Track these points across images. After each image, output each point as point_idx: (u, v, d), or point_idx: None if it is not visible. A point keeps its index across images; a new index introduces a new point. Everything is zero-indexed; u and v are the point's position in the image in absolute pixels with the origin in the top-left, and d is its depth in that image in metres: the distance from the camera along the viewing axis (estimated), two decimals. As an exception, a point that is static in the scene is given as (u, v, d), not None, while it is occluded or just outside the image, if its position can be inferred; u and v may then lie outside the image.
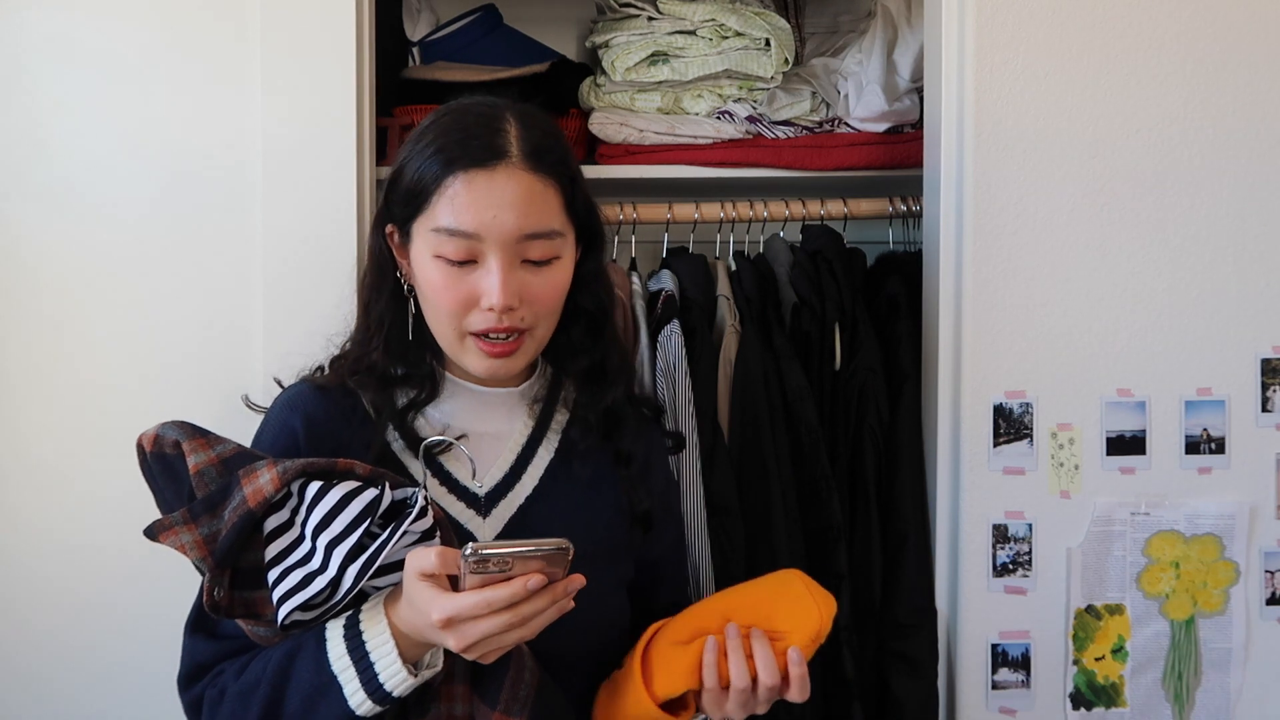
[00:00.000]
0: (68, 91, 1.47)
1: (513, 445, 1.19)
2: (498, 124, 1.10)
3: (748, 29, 1.71)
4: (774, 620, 1.09)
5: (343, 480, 1.02)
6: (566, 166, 1.13)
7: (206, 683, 1.07)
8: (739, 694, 1.07)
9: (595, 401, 1.20)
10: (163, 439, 1.05)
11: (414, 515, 0.99)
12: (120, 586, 1.48)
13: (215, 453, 1.04)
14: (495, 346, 1.10)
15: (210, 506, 1.01)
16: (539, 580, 0.93)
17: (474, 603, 0.92)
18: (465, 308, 1.09)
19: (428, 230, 1.09)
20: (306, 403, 1.15)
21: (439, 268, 1.09)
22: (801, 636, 1.07)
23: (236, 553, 1.01)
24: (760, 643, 1.07)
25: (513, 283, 1.08)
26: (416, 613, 0.96)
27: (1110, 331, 1.50)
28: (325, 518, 0.99)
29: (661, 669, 1.10)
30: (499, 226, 1.07)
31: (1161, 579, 1.51)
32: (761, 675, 1.06)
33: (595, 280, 1.21)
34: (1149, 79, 1.49)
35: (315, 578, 0.99)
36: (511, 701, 1.01)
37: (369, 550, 0.98)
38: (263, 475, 1.01)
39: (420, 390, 1.16)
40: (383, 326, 1.16)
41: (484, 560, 0.92)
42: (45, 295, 1.48)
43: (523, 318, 1.10)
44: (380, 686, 0.98)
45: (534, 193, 1.09)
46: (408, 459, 1.14)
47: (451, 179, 1.07)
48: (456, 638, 0.94)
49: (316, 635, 1.01)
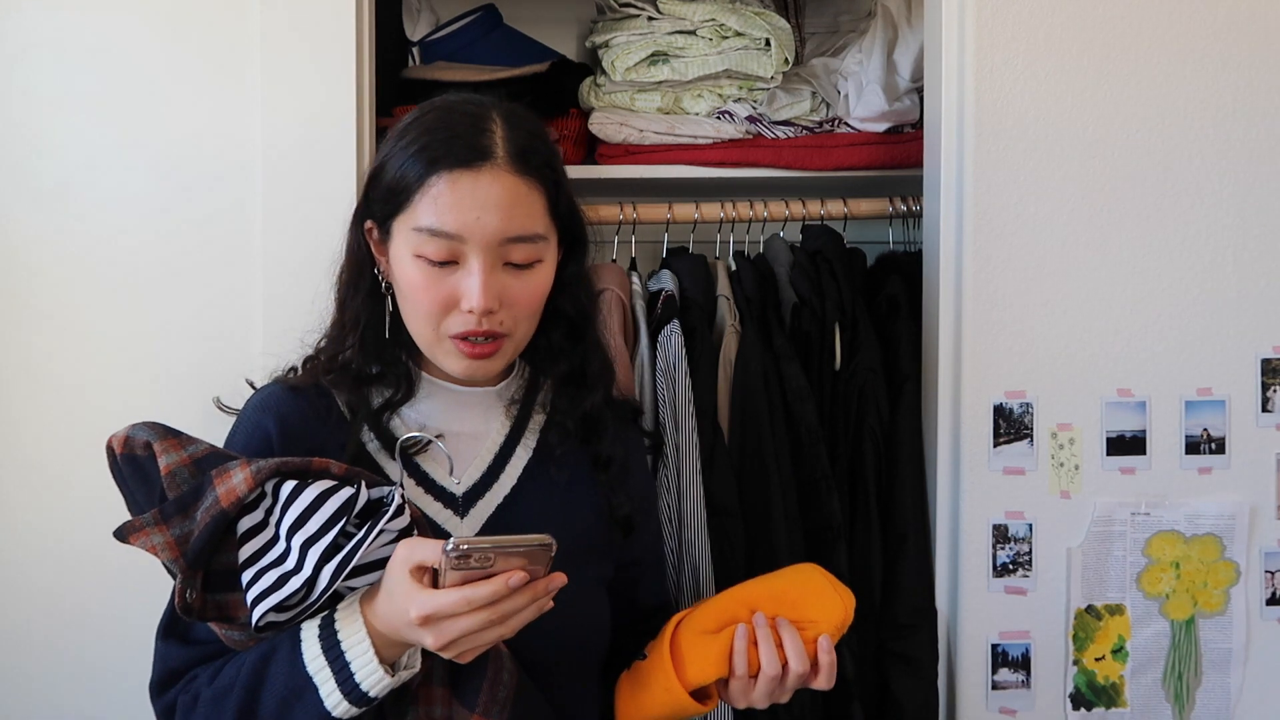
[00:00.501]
0: (67, 91, 1.47)
1: (490, 445, 1.18)
2: (484, 123, 1.09)
3: (748, 29, 1.71)
4: (800, 610, 1.11)
5: (317, 480, 1.01)
6: (552, 169, 1.12)
7: (180, 688, 1.06)
8: (769, 681, 1.07)
9: (574, 406, 1.20)
10: (133, 440, 1.03)
11: (390, 513, 0.98)
12: (110, 589, 1.47)
13: (187, 453, 1.02)
14: (474, 348, 1.09)
15: (182, 507, 0.99)
16: (521, 577, 0.92)
17: (454, 600, 0.91)
18: (445, 309, 1.08)
19: (409, 229, 1.07)
20: (279, 404, 1.13)
21: (419, 267, 1.07)
22: (828, 625, 1.10)
23: (209, 554, 0.99)
24: (789, 631, 1.09)
25: (494, 285, 1.07)
26: (395, 609, 0.95)
27: (1110, 331, 1.50)
28: (300, 517, 0.98)
29: (693, 657, 1.10)
30: (481, 228, 1.06)
31: (1162, 579, 1.51)
32: (792, 663, 1.08)
33: (576, 284, 1.20)
34: (1149, 78, 1.49)
35: (290, 578, 0.98)
36: (490, 703, 1.00)
37: (345, 550, 0.97)
38: (236, 475, 0.99)
39: (396, 390, 1.15)
40: (358, 324, 1.15)
41: (465, 555, 0.91)
42: (43, 295, 1.48)
43: (502, 321, 1.09)
44: (357, 687, 0.97)
45: (518, 195, 1.07)
46: (383, 459, 1.13)
47: (435, 178, 1.06)
48: (435, 635, 0.93)
49: (291, 637, 1.00)
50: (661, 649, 1.12)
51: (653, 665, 1.12)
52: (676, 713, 1.11)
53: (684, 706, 1.09)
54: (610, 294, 1.56)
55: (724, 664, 1.08)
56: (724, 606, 1.14)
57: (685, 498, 1.48)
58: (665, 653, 1.11)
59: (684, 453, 1.49)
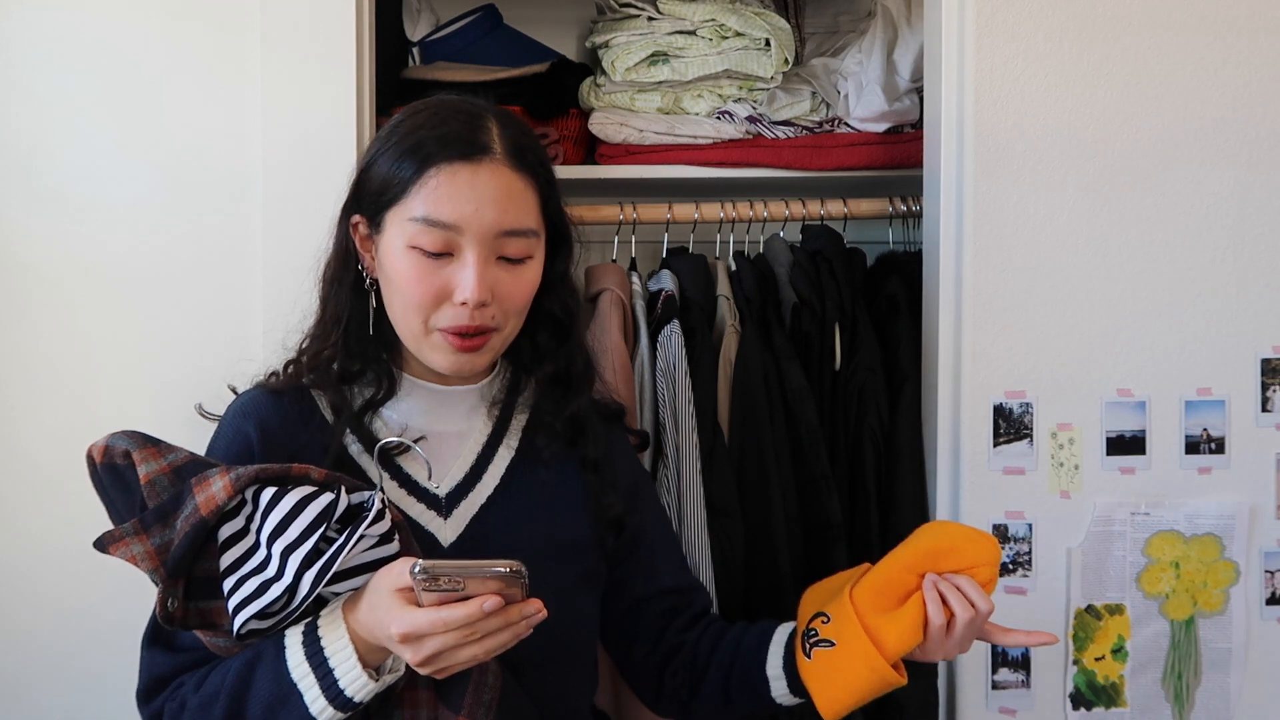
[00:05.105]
0: (67, 91, 1.47)
1: (472, 445, 1.18)
2: (480, 121, 1.10)
3: (748, 29, 1.71)
4: (960, 559, 1.15)
5: (297, 486, 1.00)
6: (544, 167, 1.14)
7: (166, 696, 1.06)
8: (966, 626, 1.10)
9: (560, 409, 1.20)
10: (113, 449, 1.02)
11: (370, 518, 0.98)
12: (106, 591, 1.46)
13: (167, 461, 1.02)
14: (464, 341, 1.09)
15: (162, 516, 0.99)
16: (495, 602, 0.93)
17: (430, 620, 0.92)
18: (436, 301, 1.08)
19: (404, 219, 1.08)
20: (260, 408, 1.13)
21: (413, 259, 1.07)
22: (990, 565, 1.14)
23: (190, 562, 0.99)
24: (966, 580, 1.13)
25: (487, 278, 1.07)
26: (379, 623, 0.96)
27: (1110, 331, 1.50)
28: (280, 524, 0.97)
29: (890, 629, 1.13)
30: (479, 220, 1.06)
31: (1161, 579, 1.51)
32: (980, 605, 1.11)
33: (562, 284, 1.20)
34: (1149, 78, 1.49)
35: (271, 585, 0.97)
36: (475, 706, 1.00)
37: (325, 555, 0.97)
38: (215, 483, 0.99)
39: (378, 389, 1.15)
40: (340, 321, 1.15)
41: (434, 577, 0.92)
42: (43, 295, 1.48)
43: (493, 315, 1.10)
44: (341, 693, 0.97)
45: (515, 190, 1.09)
46: (365, 461, 1.13)
47: (434, 169, 1.06)
48: (413, 652, 0.94)
49: (275, 644, 1.00)
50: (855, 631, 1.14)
51: (851, 650, 1.14)
52: (881, 688, 1.14)
53: (889, 680, 1.13)
54: (610, 294, 1.56)
55: (919, 629, 1.12)
56: (889, 579, 1.16)
57: (685, 498, 1.48)
58: (861, 634, 1.13)
59: (684, 453, 1.49)
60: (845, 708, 1.15)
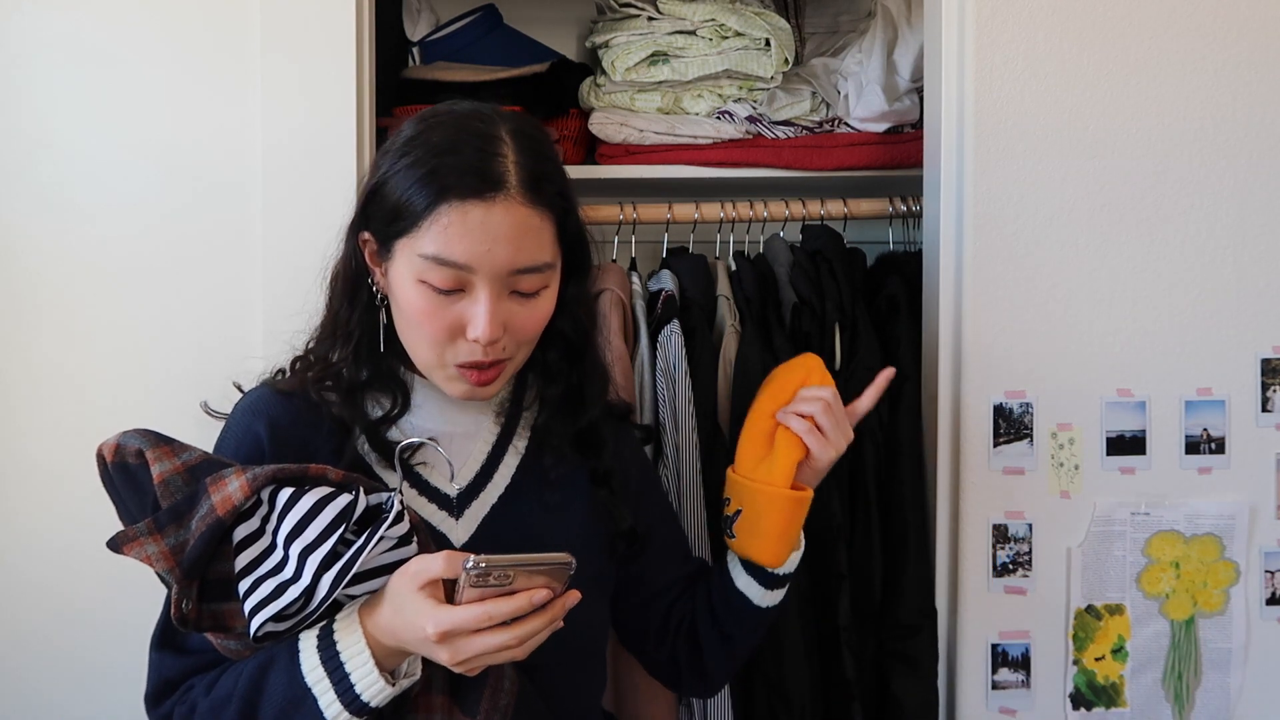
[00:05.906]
0: (67, 92, 1.47)
1: (482, 445, 1.17)
2: (494, 146, 1.05)
3: (748, 29, 1.71)
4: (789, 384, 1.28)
5: (315, 486, 0.99)
6: (563, 196, 1.09)
7: (175, 699, 1.05)
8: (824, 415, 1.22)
9: (567, 426, 1.19)
10: (124, 448, 1.01)
11: (390, 520, 0.97)
12: (110, 592, 1.46)
13: (181, 461, 1.00)
14: (479, 375, 1.08)
15: (177, 516, 0.97)
16: (544, 595, 0.92)
17: (476, 615, 0.91)
18: (450, 336, 1.06)
19: (414, 254, 1.04)
20: (270, 407, 1.12)
21: (423, 293, 1.05)
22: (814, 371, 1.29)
23: (205, 563, 0.97)
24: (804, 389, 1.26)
25: (499, 314, 1.05)
26: (405, 623, 0.95)
27: (1110, 331, 1.50)
28: (298, 525, 0.96)
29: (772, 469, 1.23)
30: (491, 260, 1.03)
31: (1161, 579, 1.51)
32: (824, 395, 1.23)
33: (576, 305, 1.18)
34: (1149, 79, 1.49)
35: (288, 587, 0.96)
36: (492, 711, 0.99)
37: (344, 557, 0.95)
38: (231, 483, 0.97)
39: (393, 405, 1.13)
40: (352, 338, 1.13)
41: (485, 573, 0.90)
42: (43, 295, 1.48)
43: (504, 347, 1.08)
44: (357, 697, 0.96)
45: (530, 227, 1.04)
46: (375, 460, 1.12)
47: (446, 207, 1.02)
48: (450, 652, 0.93)
49: (289, 647, 0.99)
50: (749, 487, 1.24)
51: (755, 503, 1.23)
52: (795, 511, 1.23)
53: (795, 499, 1.23)
54: (610, 294, 1.56)
55: (796, 448, 1.23)
56: (753, 436, 1.27)
57: (685, 498, 1.48)
58: (753, 485, 1.23)
59: (684, 453, 1.49)
60: (782, 548, 1.23)
